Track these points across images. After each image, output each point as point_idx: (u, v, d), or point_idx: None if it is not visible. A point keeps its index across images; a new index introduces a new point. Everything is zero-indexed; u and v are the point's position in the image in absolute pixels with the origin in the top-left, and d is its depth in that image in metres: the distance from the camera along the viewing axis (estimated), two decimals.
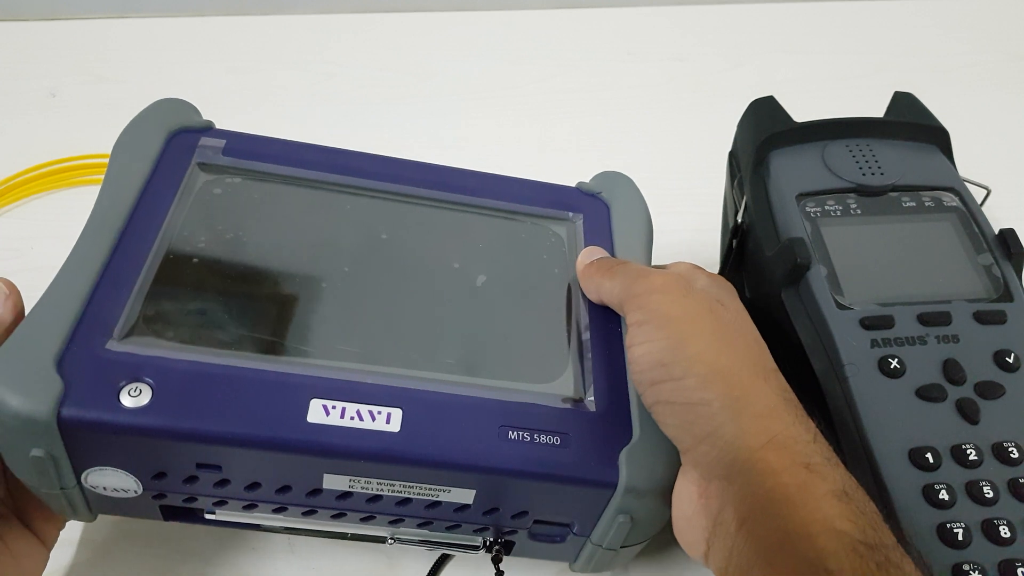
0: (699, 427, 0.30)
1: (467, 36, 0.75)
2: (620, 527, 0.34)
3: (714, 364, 0.30)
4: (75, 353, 0.30)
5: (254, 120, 0.65)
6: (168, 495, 0.33)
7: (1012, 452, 0.33)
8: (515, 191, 0.43)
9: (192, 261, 0.35)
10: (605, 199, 0.44)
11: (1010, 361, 0.35)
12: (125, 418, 0.29)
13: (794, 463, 0.28)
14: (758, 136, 0.42)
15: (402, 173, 0.42)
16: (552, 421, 0.33)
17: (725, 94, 0.68)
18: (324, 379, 0.32)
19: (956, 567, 0.31)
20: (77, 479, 0.31)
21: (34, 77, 0.68)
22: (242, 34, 0.74)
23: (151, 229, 0.35)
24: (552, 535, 0.36)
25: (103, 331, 0.31)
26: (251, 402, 0.31)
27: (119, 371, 0.30)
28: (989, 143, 0.62)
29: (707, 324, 0.32)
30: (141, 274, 0.34)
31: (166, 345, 0.32)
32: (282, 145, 0.41)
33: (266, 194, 0.39)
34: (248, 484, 0.32)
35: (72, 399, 0.29)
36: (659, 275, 0.34)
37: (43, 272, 0.31)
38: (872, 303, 0.36)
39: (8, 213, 0.57)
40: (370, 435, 0.31)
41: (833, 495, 0.27)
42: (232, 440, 0.30)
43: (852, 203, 0.40)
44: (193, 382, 0.31)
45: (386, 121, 0.66)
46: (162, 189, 0.37)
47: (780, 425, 0.29)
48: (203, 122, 0.41)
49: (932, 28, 0.76)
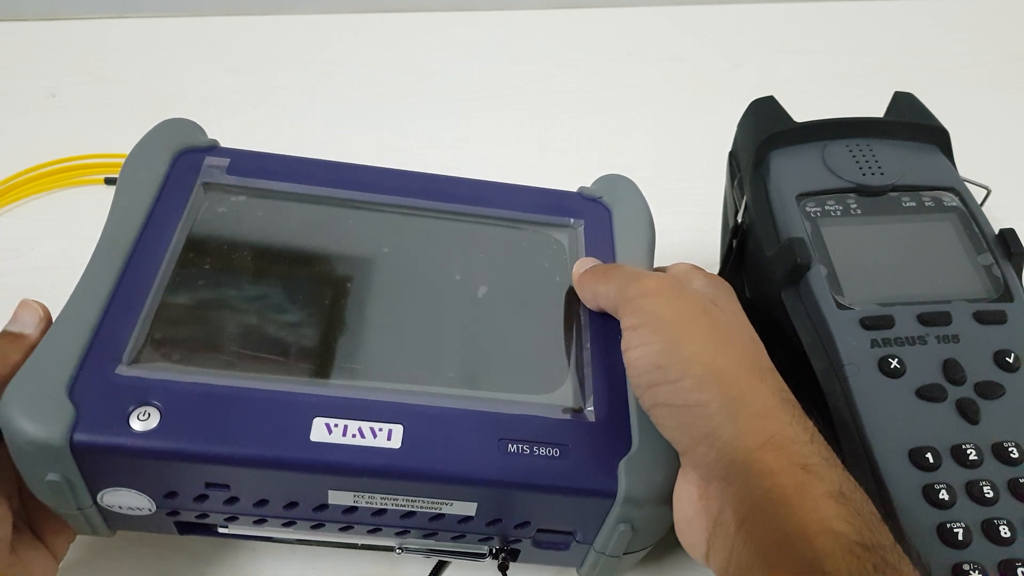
0: (697, 428, 0.30)
1: (467, 36, 0.75)
2: (621, 535, 0.34)
3: (710, 365, 0.30)
4: (86, 379, 0.31)
5: (254, 120, 0.65)
6: (181, 512, 0.34)
7: (1012, 452, 0.33)
8: (516, 198, 0.43)
9: (198, 283, 0.36)
10: (607, 203, 0.44)
11: (1010, 361, 0.35)
12: (135, 441, 0.30)
13: (791, 464, 0.28)
14: (758, 136, 0.42)
15: (404, 184, 0.42)
16: (551, 433, 0.33)
17: (725, 94, 0.68)
18: (326, 397, 0.33)
19: (956, 567, 0.31)
20: (93, 499, 0.33)
21: (34, 77, 0.68)
22: (242, 34, 0.74)
23: (158, 252, 0.36)
24: (556, 543, 0.36)
25: (113, 356, 0.32)
26: (255, 422, 0.31)
27: (128, 395, 0.31)
28: (989, 143, 0.62)
29: (702, 325, 0.32)
30: (149, 298, 0.35)
31: (173, 368, 0.33)
32: (284, 161, 0.42)
33: (269, 212, 0.40)
34: (256, 501, 0.33)
35: (84, 424, 0.30)
36: (652, 278, 0.34)
37: (43, 272, 0.31)
38: (872, 303, 0.36)
39: (8, 213, 0.57)
40: (372, 452, 0.32)
41: (830, 496, 0.27)
42: (237, 460, 0.31)
43: (852, 203, 0.40)
44: (199, 404, 0.31)
45: (386, 121, 0.66)
46: (168, 211, 0.38)
47: (777, 425, 0.29)
48: (208, 141, 0.42)
49: (932, 28, 0.76)
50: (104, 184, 0.59)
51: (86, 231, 0.57)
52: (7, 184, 0.58)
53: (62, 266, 0.56)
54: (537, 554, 0.37)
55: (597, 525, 0.34)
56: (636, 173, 0.45)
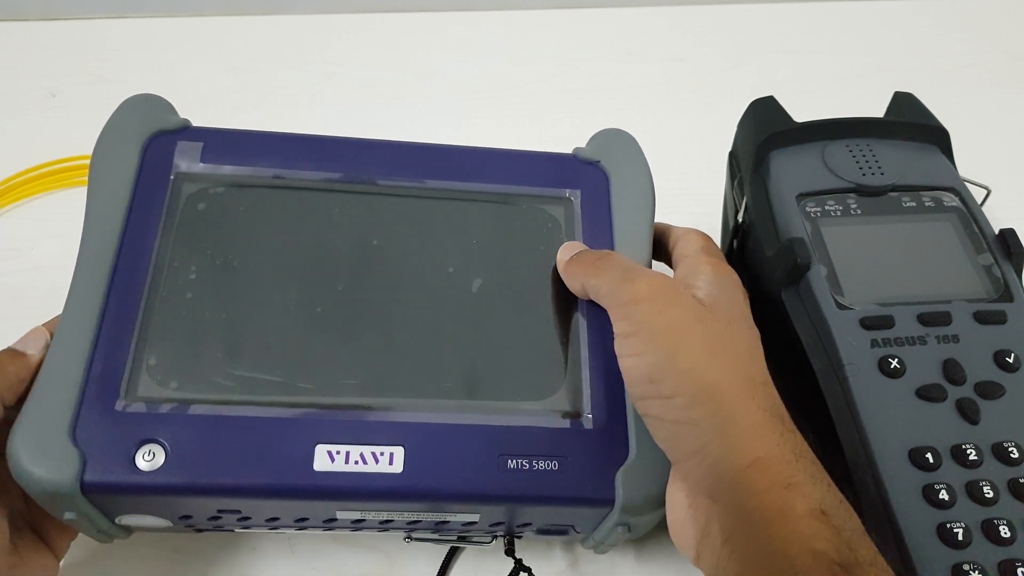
0: (687, 444, 0.30)
1: (467, 36, 0.75)
2: (618, 535, 0.35)
3: (702, 381, 0.30)
4: (87, 418, 0.32)
5: (254, 120, 0.65)
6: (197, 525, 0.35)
7: (1012, 452, 0.33)
8: (510, 166, 0.41)
9: (186, 296, 0.35)
10: (604, 167, 0.42)
11: (1010, 361, 0.35)
12: (143, 480, 0.31)
13: (775, 483, 0.28)
14: (758, 136, 0.42)
15: (388, 157, 0.40)
16: (550, 444, 0.34)
17: (725, 94, 0.68)
18: (327, 420, 0.33)
19: (956, 567, 0.31)
20: (112, 522, 0.34)
21: (34, 77, 0.68)
22: (242, 34, 0.74)
23: (140, 265, 0.35)
24: (557, 532, 0.37)
25: (110, 390, 0.32)
26: (259, 453, 0.32)
27: (131, 433, 0.32)
28: (989, 143, 0.62)
29: (696, 335, 0.31)
30: (137, 320, 0.34)
31: (170, 397, 0.33)
32: (259, 138, 0.40)
33: (250, 203, 0.38)
34: (268, 518, 0.34)
35: (91, 467, 0.31)
36: (645, 279, 0.33)
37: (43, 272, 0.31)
38: (872, 303, 0.36)
39: (8, 213, 0.57)
40: (375, 477, 0.32)
41: (812, 515, 0.28)
42: (244, 492, 0.32)
43: (852, 203, 0.40)
44: (202, 438, 0.32)
45: (386, 121, 0.66)
46: (146, 214, 0.36)
47: (765, 445, 0.29)
48: (179, 122, 0.39)
49: (932, 28, 0.76)
50: None
51: None
52: (7, 184, 0.58)
53: (62, 266, 0.56)
54: (540, 539, 0.39)
55: (596, 523, 0.35)
56: None
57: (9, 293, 0.52)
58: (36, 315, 0.51)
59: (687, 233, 0.39)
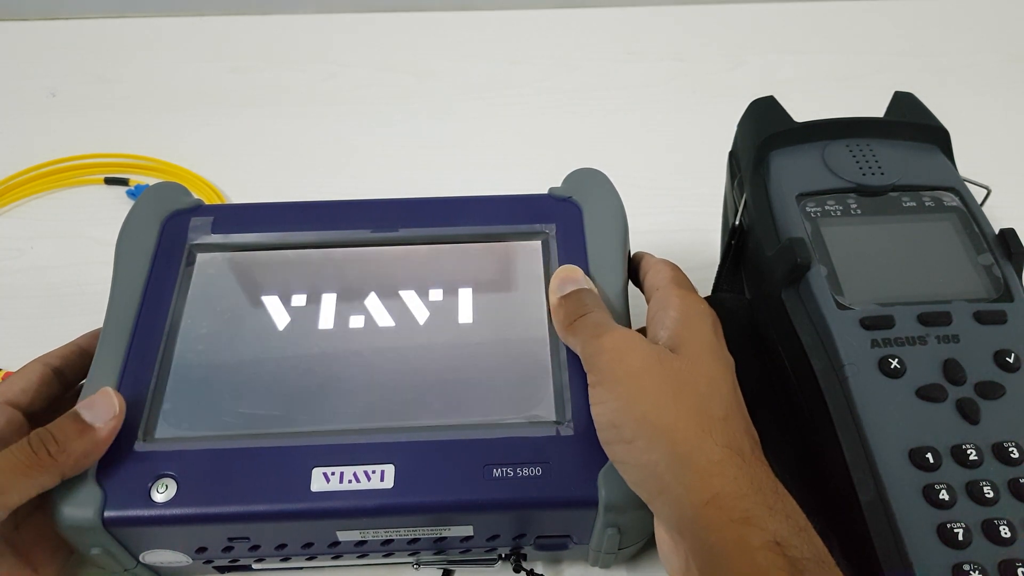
0: (652, 485, 0.32)
1: (467, 36, 0.75)
2: (611, 538, 0.36)
3: (658, 423, 0.31)
4: (109, 459, 0.35)
5: (254, 120, 0.65)
6: (215, 560, 0.38)
7: (1012, 452, 0.33)
8: (488, 210, 0.44)
9: (197, 349, 0.39)
10: (577, 202, 0.44)
11: (1010, 361, 0.35)
12: (158, 511, 0.34)
13: (732, 519, 0.29)
14: (758, 136, 0.42)
15: (377, 215, 0.44)
16: (533, 452, 0.35)
17: (725, 94, 0.68)
18: (322, 446, 0.36)
19: (956, 567, 0.31)
20: (137, 561, 0.37)
21: (34, 77, 0.68)
22: (242, 34, 0.74)
23: (157, 325, 0.39)
24: (556, 545, 0.38)
25: (129, 434, 0.36)
26: (261, 480, 0.35)
27: (147, 470, 0.35)
28: (989, 143, 0.62)
29: (655, 378, 0.32)
30: (155, 371, 0.38)
31: (183, 435, 0.36)
32: (259, 209, 0.44)
33: (252, 265, 0.42)
34: (277, 545, 0.37)
35: (112, 503, 0.34)
36: (609, 335, 0.34)
37: (43, 272, 0.31)
38: (872, 303, 0.36)
39: (8, 213, 0.57)
40: (367, 494, 0.34)
41: (767, 547, 0.28)
42: (248, 516, 0.34)
43: (852, 203, 0.40)
44: (209, 469, 0.35)
45: (386, 121, 0.66)
46: (162, 280, 0.41)
47: (720, 481, 0.30)
48: (192, 201, 0.44)
49: (932, 28, 0.76)
50: (104, 184, 0.59)
51: (86, 231, 0.58)
52: (7, 184, 0.58)
53: (62, 266, 0.56)
54: (542, 555, 0.40)
55: (588, 529, 0.36)
56: (635, 173, 0.45)
57: (9, 293, 0.53)
58: (36, 315, 0.51)
59: (657, 264, 0.40)
